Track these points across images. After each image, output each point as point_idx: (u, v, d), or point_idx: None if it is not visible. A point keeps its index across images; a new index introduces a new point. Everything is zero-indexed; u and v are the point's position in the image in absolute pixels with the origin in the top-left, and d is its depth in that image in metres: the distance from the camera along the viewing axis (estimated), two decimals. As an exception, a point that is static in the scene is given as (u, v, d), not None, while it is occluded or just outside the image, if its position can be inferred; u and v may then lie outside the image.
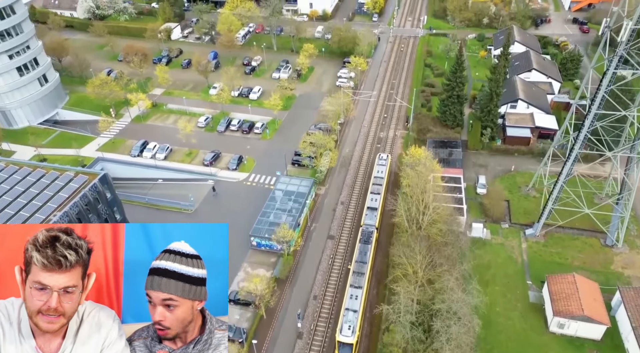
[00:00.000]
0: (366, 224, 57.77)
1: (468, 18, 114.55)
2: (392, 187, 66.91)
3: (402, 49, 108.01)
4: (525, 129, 74.73)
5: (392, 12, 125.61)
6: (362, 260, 52.42)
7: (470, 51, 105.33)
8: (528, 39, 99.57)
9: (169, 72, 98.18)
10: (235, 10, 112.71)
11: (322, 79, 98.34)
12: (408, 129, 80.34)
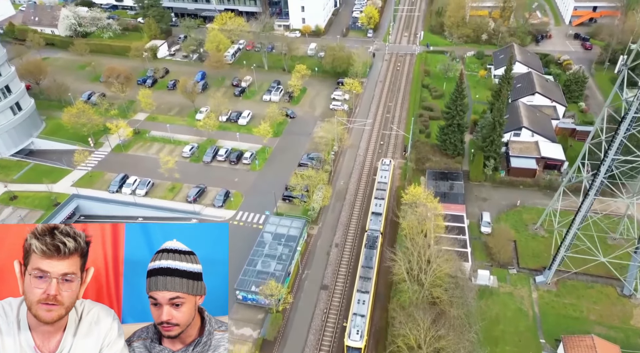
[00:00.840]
0: (371, 229, 58.65)
1: (466, 34, 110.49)
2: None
3: (399, 68, 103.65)
4: (531, 159, 70.31)
5: (387, 27, 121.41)
6: (368, 265, 53.58)
7: (469, 70, 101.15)
8: (529, 58, 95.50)
9: (154, 94, 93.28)
10: (224, 26, 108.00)
11: (315, 102, 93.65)
12: (406, 158, 75.72)
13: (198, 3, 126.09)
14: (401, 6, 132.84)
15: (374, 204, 62.49)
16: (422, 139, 78.95)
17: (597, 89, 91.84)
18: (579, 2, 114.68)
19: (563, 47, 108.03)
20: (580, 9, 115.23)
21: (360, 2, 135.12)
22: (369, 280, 51.66)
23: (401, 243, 55.69)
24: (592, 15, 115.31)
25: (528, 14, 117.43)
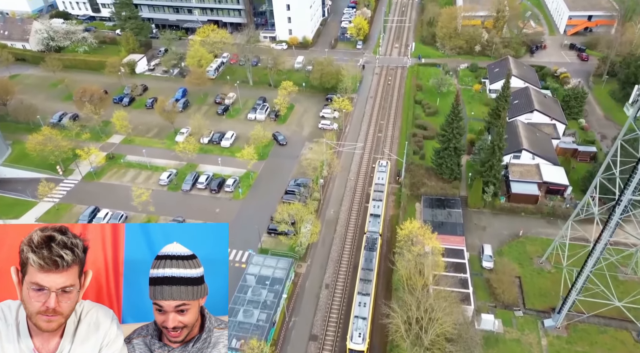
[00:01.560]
0: (370, 231, 59.02)
1: (459, 46, 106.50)
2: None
3: (390, 83, 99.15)
4: (532, 184, 66.03)
5: (377, 38, 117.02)
6: (368, 267, 53.68)
7: (463, 83, 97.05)
8: (526, 72, 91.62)
9: (132, 114, 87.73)
10: (206, 39, 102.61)
11: (302, 120, 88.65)
12: (400, 183, 71.03)
13: (180, 14, 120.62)
14: (391, 16, 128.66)
15: (372, 206, 63.01)
16: (416, 162, 74.35)
17: (597, 104, 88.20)
18: (573, 11, 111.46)
19: (559, 58, 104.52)
20: (575, 18, 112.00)
21: (349, 11, 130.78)
22: (369, 282, 51.93)
23: (397, 287, 50.89)
24: (587, 24, 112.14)
25: (521, 23, 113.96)
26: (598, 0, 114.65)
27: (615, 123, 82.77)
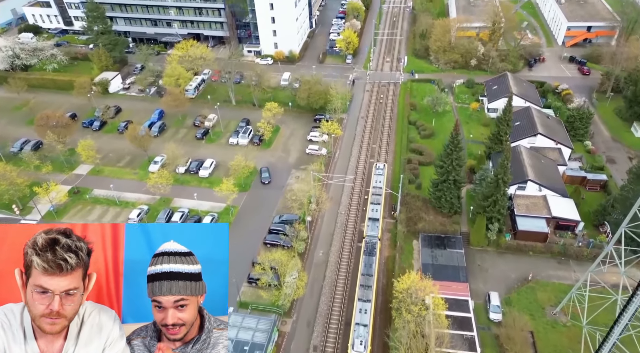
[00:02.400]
0: (369, 235, 58.38)
1: (454, 60, 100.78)
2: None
3: (382, 101, 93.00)
4: (540, 220, 60.08)
5: (367, 52, 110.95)
6: (368, 273, 52.91)
7: (459, 101, 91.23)
8: (526, 89, 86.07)
9: (102, 140, 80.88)
10: (185, 54, 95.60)
11: (289, 144, 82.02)
12: (395, 218, 64.70)
13: (158, 27, 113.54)
14: (382, 27, 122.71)
15: (370, 209, 62.34)
16: (412, 192, 68.12)
17: (602, 124, 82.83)
18: (572, 21, 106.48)
19: (558, 72, 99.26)
20: (574, 29, 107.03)
21: (337, 22, 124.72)
22: (369, 288, 51.15)
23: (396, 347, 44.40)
24: (586, 35, 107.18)
25: (518, 34, 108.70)
26: (597, 10, 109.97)
27: (623, 145, 77.43)
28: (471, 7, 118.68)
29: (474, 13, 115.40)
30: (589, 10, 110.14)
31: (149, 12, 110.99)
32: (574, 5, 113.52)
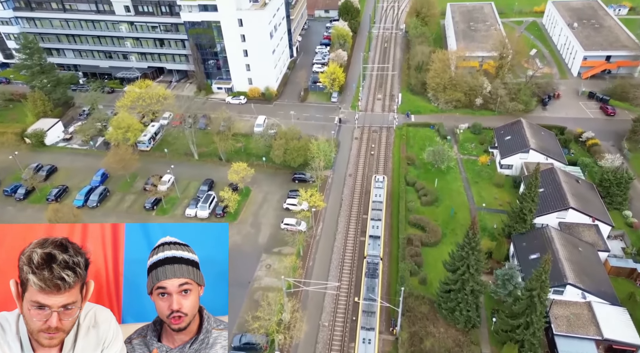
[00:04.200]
0: (370, 255, 55.27)
1: (456, 98, 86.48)
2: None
3: (373, 152, 78.16)
4: (587, 342, 45.31)
5: (356, 87, 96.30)
6: (370, 298, 49.64)
7: (465, 152, 76.76)
8: (545, 140, 71.87)
9: (26, 213, 65.03)
10: (139, 96, 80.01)
11: (260, 215, 66.66)
12: (395, 333, 49.57)
13: (113, 60, 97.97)
14: (372, 57, 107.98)
15: (370, 226, 59.31)
16: (415, 289, 53.11)
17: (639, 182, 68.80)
18: (589, 50, 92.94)
19: (578, 112, 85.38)
20: (591, 59, 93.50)
21: (321, 50, 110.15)
22: (372, 314, 48.10)
23: None
24: (606, 66, 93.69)
25: (525, 63, 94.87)
26: (616, 36, 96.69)
27: (670, 213, 63.34)
28: (472, 32, 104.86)
29: (475, 39, 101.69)
30: (607, 37, 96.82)
31: (102, 43, 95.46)
32: (588, 30, 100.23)
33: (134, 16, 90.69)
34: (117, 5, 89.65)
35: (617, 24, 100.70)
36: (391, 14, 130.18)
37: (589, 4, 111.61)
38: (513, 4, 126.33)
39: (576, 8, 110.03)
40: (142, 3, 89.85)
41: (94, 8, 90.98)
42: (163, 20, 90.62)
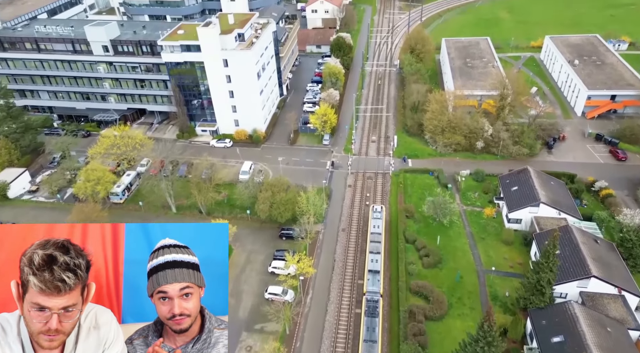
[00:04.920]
0: (369, 292, 52.38)
1: (456, 141, 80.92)
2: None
3: (369, 203, 71.61)
4: None
5: (349, 128, 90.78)
6: (371, 339, 46.82)
7: (468, 203, 70.50)
8: (555, 191, 65.83)
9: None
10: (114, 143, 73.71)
11: (242, 280, 59.29)
12: None
13: (91, 101, 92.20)
14: (364, 101, 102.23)
15: (369, 260, 56.75)
16: (419, 375, 45.60)
17: (662, 240, 62.36)
18: (593, 89, 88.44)
19: (586, 156, 79.91)
20: (596, 98, 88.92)
21: (312, 88, 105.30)
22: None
23: None
24: (611, 106, 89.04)
25: (526, 101, 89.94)
26: (620, 74, 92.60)
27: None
28: (469, 69, 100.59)
29: (472, 76, 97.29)
30: (611, 75, 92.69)
31: (79, 84, 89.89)
32: (590, 67, 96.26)
33: (113, 56, 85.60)
34: (95, 45, 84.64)
35: (620, 61, 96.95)
36: (385, 49, 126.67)
37: (588, 40, 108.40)
38: (509, 39, 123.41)
39: (575, 44, 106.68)
40: (122, 43, 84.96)
41: (71, 48, 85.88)
42: (144, 61, 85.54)
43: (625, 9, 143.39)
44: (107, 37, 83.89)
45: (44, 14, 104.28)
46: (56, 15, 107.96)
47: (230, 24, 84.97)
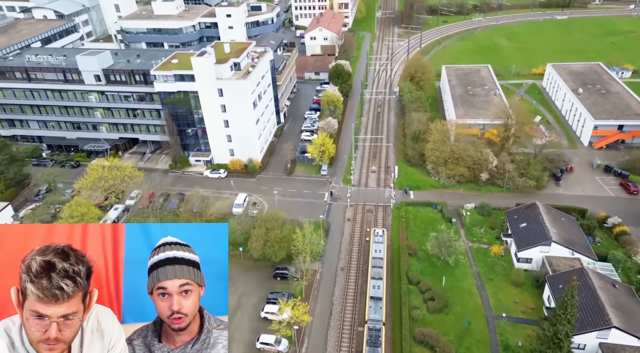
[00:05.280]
0: (371, 320, 50.54)
1: (459, 173, 77.66)
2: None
3: (368, 239, 67.72)
4: None
5: (348, 157, 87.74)
6: None
7: (474, 239, 66.62)
8: (566, 228, 62.09)
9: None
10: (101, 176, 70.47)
11: (232, 327, 54.77)
12: None
13: (82, 131, 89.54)
14: (363, 129, 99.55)
15: (371, 286, 55.07)
16: None
17: (684, 282, 58.20)
18: (599, 119, 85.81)
19: (595, 189, 76.41)
20: (603, 128, 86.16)
21: (310, 116, 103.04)
22: None
23: None
24: (619, 136, 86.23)
25: (529, 129, 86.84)
26: (626, 103, 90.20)
27: None
28: (470, 97, 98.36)
29: (474, 104, 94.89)
30: (617, 104, 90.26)
31: (70, 114, 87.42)
32: (595, 95, 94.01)
33: (105, 85, 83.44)
34: (86, 74, 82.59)
35: (625, 89, 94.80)
36: (384, 76, 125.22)
37: (591, 68, 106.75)
38: (510, 66, 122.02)
39: (578, 72, 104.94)
40: (114, 72, 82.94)
41: (62, 77, 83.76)
42: (136, 90, 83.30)
43: (625, 36, 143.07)
44: (99, 66, 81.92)
45: (38, 42, 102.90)
46: (50, 43, 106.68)
47: (227, 53, 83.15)
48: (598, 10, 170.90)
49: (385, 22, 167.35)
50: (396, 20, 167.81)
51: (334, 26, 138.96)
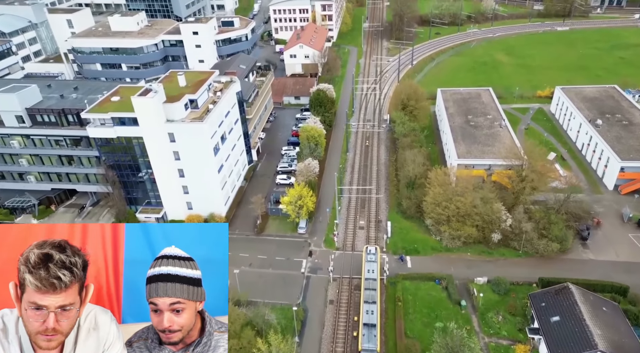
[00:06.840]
0: (365, 350, 47.18)
1: (467, 233, 63.45)
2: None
3: (356, 333, 52.88)
4: None
5: (330, 212, 72.88)
6: None
7: (492, 333, 52.38)
8: (611, 323, 47.99)
9: None
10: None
11: None
12: None
13: (6, 181, 73.40)
14: (349, 173, 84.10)
15: (364, 311, 50.79)
16: None
17: None
18: (626, 160, 72.56)
19: (632, 252, 62.76)
20: (631, 171, 72.89)
21: (288, 152, 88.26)
22: None
23: None
24: (649, 180, 72.99)
25: (542, 167, 72.68)
26: (655, 141, 76.95)
27: None
28: (472, 129, 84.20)
29: (477, 139, 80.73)
30: (643, 139, 77.15)
31: (-11, 161, 71.30)
32: (616, 128, 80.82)
33: (30, 128, 67.61)
34: (6, 115, 66.79)
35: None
36: (372, 99, 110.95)
37: (607, 92, 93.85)
38: (511, 86, 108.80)
39: (592, 97, 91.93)
40: (41, 112, 67.20)
41: (-25, 119, 67.65)
42: (69, 133, 67.69)
43: (633, 50, 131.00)
44: (22, 105, 66.26)
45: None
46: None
47: (181, 87, 68.11)
48: (601, 20, 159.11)
49: (373, 35, 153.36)
50: (385, 32, 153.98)
51: (317, 42, 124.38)
